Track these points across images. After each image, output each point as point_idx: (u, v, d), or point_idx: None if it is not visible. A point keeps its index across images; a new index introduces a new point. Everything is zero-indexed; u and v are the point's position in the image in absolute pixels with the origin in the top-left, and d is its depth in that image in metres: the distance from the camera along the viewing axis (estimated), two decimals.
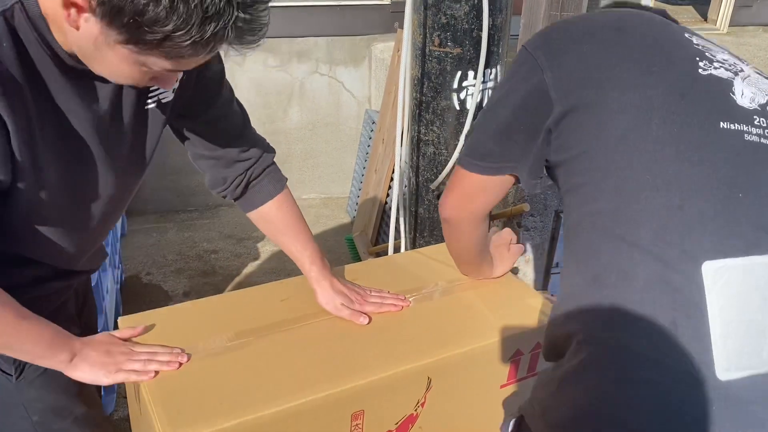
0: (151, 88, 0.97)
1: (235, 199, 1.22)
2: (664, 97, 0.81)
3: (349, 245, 2.92)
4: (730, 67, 0.85)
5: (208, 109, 1.10)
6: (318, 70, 3.23)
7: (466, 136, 1.00)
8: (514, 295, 1.25)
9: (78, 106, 0.88)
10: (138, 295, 2.57)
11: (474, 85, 1.52)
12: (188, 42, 0.73)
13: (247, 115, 1.20)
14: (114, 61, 0.78)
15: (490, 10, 1.41)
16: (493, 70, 1.52)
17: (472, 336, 1.14)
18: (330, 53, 3.21)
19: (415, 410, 1.13)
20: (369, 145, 3.13)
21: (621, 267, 0.80)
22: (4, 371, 1.01)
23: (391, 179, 2.73)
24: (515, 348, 1.17)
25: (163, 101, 1.01)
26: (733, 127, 0.81)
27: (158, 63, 0.78)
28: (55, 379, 1.04)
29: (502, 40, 1.52)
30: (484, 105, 1.54)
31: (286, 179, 1.25)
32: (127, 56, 0.77)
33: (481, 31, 1.46)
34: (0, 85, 0.76)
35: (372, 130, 3.11)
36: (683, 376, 0.75)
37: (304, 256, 1.22)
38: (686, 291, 0.76)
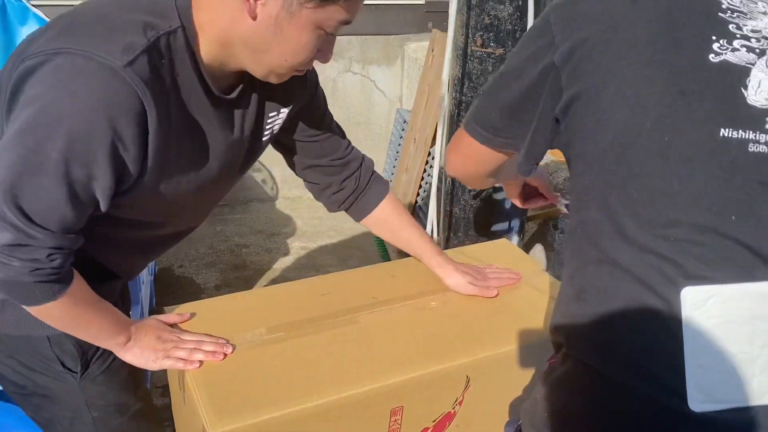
0: (267, 120, 1.02)
1: (348, 208, 1.26)
2: (660, 96, 0.73)
3: (378, 244, 2.93)
4: (757, 44, 0.73)
5: (322, 119, 1.16)
6: (351, 69, 3.25)
7: (476, 96, 0.94)
8: (555, 296, 1.24)
9: (216, 129, 0.93)
10: (170, 287, 2.62)
11: None
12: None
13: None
14: (294, 34, 0.83)
15: (534, 11, 1.41)
16: None
17: (512, 336, 1.14)
18: (363, 52, 3.22)
19: (453, 408, 1.13)
20: (400, 145, 3.14)
21: (602, 285, 0.77)
22: (69, 369, 1.03)
23: (422, 179, 2.74)
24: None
25: (275, 131, 1.07)
26: (735, 135, 0.71)
27: (335, 16, 0.84)
28: (115, 375, 1.07)
29: None
30: None
31: (388, 182, 1.29)
32: (307, 21, 0.82)
33: (525, 32, 1.46)
34: (151, 90, 0.80)
35: (403, 130, 3.12)
36: (653, 406, 0.71)
37: (426, 247, 1.27)
38: (664, 316, 0.71)
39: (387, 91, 3.34)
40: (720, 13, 0.74)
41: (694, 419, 0.69)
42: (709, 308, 0.70)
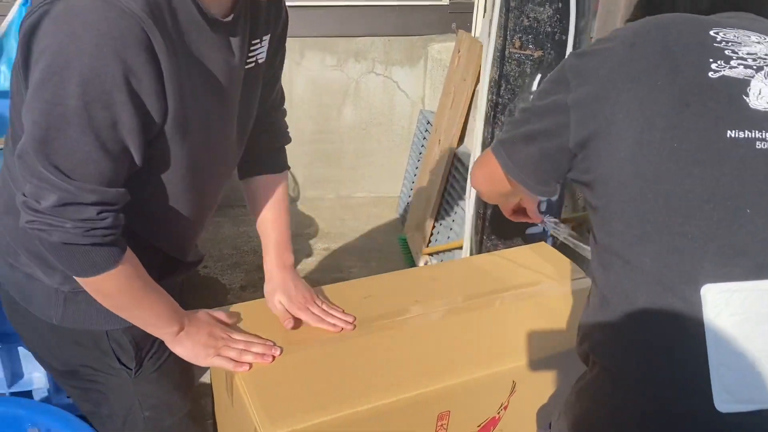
0: (251, 47, 0.99)
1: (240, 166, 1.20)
2: (666, 111, 0.77)
3: (402, 245, 2.93)
4: (753, 62, 0.79)
5: (276, 71, 1.13)
6: (374, 70, 3.25)
7: (505, 124, 1.00)
8: None
9: (218, 54, 0.91)
10: (196, 288, 2.62)
11: None
12: None
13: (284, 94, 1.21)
14: None
15: (576, 13, 1.40)
16: None
17: (557, 340, 1.14)
18: (387, 53, 3.22)
19: (498, 413, 1.13)
20: (423, 146, 3.13)
21: (624, 289, 0.79)
22: (124, 364, 1.03)
23: (447, 181, 2.73)
24: None
25: (259, 61, 1.03)
26: (741, 135, 0.75)
27: None
28: (168, 374, 1.07)
29: (584, 44, 1.51)
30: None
31: (289, 168, 1.27)
32: None
33: (564, 34, 1.45)
34: (152, 18, 0.78)
35: (426, 131, 3.11)
36: (678, 407, 0.72)
37: (271, 239, 1.21)
38: (685, 316, 0.73)
39: (410, 92, 3.34)
40: (714, 44, 0.81)
41: (720, 420, 0.70)
42: (729, 305, 0.71)
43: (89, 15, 0.74)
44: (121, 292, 0.91)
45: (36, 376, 1.71)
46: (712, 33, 0.82)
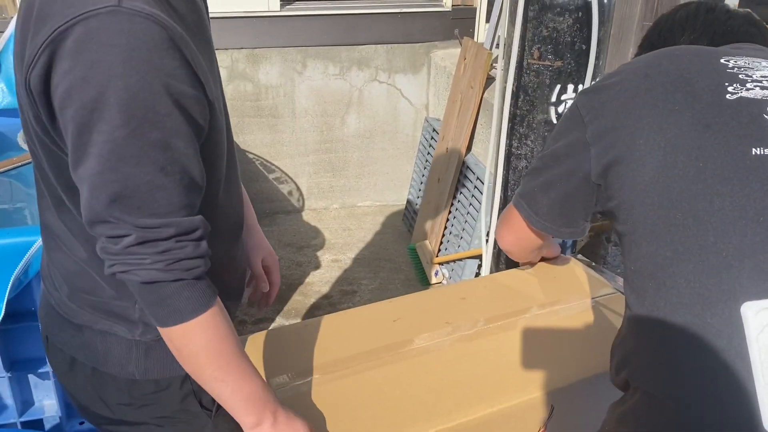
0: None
1: None
2: (688, 134, 0.79)
3: (411, 255, 2.90)
4: None
5: None
6: (377, 78, 3.22)
7: (523, 177, 1.07)
8: None
9: (198, 26, 0.84)
10: None
11: (573, 99, 1.49)
12: None
13: None
14: None
15: (599, 21, 1.37)
16: (593, 83, 1.48)
17: (594, 362, 1.11)
18: (389, 61, 3.19)
19: None
20: (429, 153, 3.11)
21: (660, 313, 0.78)
22: (204, 407, 0.99)
23: (456, 189, 2.70)
24: None
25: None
26: (767, 152, 0.76)
27: None
28: None
29: (603, 53, 1.48)
30: None
31: None
32: None
33: (584, 44, 1.43)
34: (172, 20, 0.72)
35: (432, 138, 3.08)
36: (725, 429, 0.71)
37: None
38: (725, 336, 0.72)
39: (413, 100, 3.31)
40: (728, 70, 0.83)
41: None
42: None
43: (103, 35, 0.68)
44: (207, 350, 0.81)
45: (47, 404, 1.67)
46: (722, 61, 0.84)
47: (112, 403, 0.97)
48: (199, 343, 0.81)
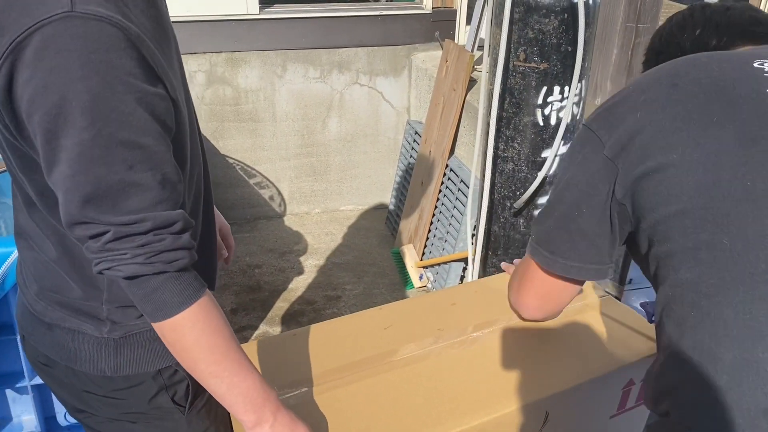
0: None
1: None
2: (731, 149, 0.72)
3: (395, 258, 2.88)
4: None
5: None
6: (358, 81, 3.20)
7: (533, 224, 0.98)
8: (622, 322, 1.20)
9: (158, 22, 0.83)
10: None
11: (560, 100, 1.48)
12: None
13: None
14: None
15: (585, 21, 1.37)
16: (580, 85, 1.48)
17: (588, 367, 1.10)
18: (370, 63, 3.17)
19: None
20: (411, 156, 3.09)
21: (705, 345, 0.73)
22: (177, 403, 0.97)
23: (440, 191, 2.69)
24: (628, 377, 1.13)
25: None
26: None
27: None
28: (218, 406, 1.00)
29: (589, 54, 1.48)
30: (572, 121, 1.50)
31: None
32: None
33: (570, 45, 1.42)
34: (126, 19, 0.72)
35: (415, 141, 3.07)
36: None
37: None
38: None
39: (395, 103, 3.30)
40: (765, 74, 0.77)
41: None
42: None
43: (59, 41, 0.68)
44: (199, 345, 0.80)
45: (26, 419, 1.61)
46: (756, 65, 0.78)
47: (90, 398, 0.97)
48: (190, 338, 0.80)
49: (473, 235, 1.71)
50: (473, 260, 1.75)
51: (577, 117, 1.54)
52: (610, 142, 0.80)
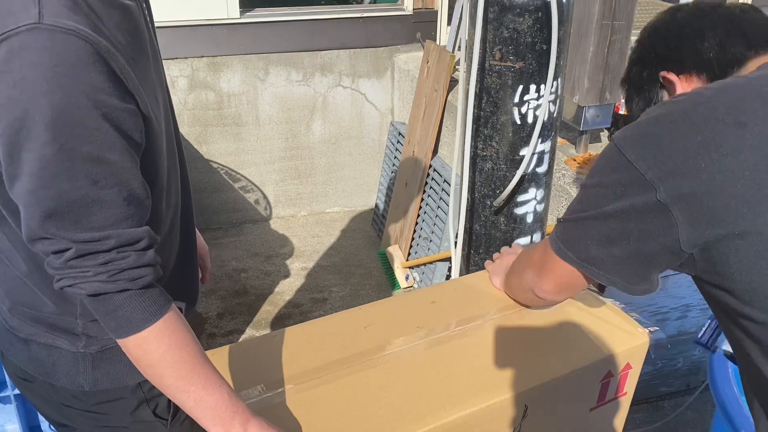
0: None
1: None
2: None
3: (382, 259, 2.89)
4: None
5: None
6: (341, 83, 3.21)
7: (559, 220, 0.91)
8: (600, 315, 1.21)
9: (133, 35, 0.81)
10: None
11: (536, 99, 1.50)
12: None
13: None
14: None
15: (558, 20, 1.38)
16: (555, 83, 1.50)
17: (567, 360, 1.11)
18: (353, 65, 3.18)
19: None
20: (396, 157, 3.10)
21: None
22: (159, 416, 0.97)
23: (424, 191, 2.70)
24: (606, 370, 1.14)
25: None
26: None
27: None
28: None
29: (564, 53, 1.50)
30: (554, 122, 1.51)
31: None
32: None
33: (545, 44, 1.44)
34: (98, 33, 0.71)
35: (399, 142, 3.08)
36: None
37: None
38: None
39: (378, 104, 3.31)
40: None
41: None
42: None
43: (25, 54, 0.67)
44: (165, 360, 0.79)
45: (9, 429, 1.60)
46: None
47: (71, 412, 0.96)
48: (155, 354, 0.79)
49: (456, 234, 1.72)
50: (456, 260, 1.76)
51: (554, 114, 1.56)
52: (666, 189, 0.72)
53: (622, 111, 2.11)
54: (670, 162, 0.72)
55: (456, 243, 1.65)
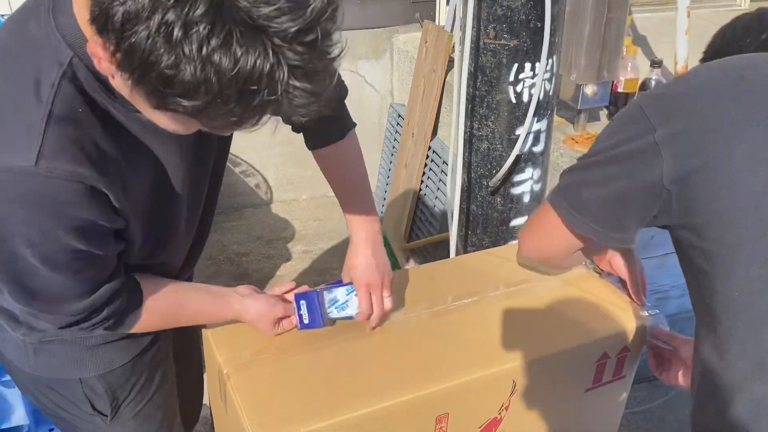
0: None
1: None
2: None
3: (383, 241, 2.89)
4: None
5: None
6: (340, 65, 3.18)
7: (562, 174, 0.94)
8: (599, 296, 1.21)
9: (161, 146, 0.82)
10: None
11: (531, 77, 1.49)
12: (227, 117, 0.59)
13: None
14: (155, 116, 0.67)
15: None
16: (550, 61, 1.48)
17: (558, 339, 1.11)
18: (351, 47, 3.14)
19: (499, 413, 1.10)
20: (396, 140, 3.09)
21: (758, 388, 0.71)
22: (99, 411, 1.00)
23: (423, 173, 2.70)
24: (602, 351, 1.14)
25: None
26: None
27: (204, 125, 0.65)
28: (149, 419, 1.04)
29: (559, 30, 1.48)
30: (548, 97, 1.50)
31: (354, 124, 1.17)
32: (166, 116, 0.64)
33: (539, 21, 1.42)
34: (94, 166, 0.70)
35: (399, 124, 3.07)
36: None
37: (352, 207, 1.12)
38: None
39: (377, 86, 3.29)
40: None
41: None
42: None
43: (10, 192, 0.68)
44: (167, 323, 0.95)
45: (16, 414, 1.63)
46: None
47: (28, 389, 1.03)
48: (151, 326, 0.93)
49: (452, 213, 1.73)
50: (453, 240, 1.77)
51: (550, 93, 1.55)
52: (664, 129, 0.76)
53: (621, 89, 2.09)
54: (674, 107, 0.77)
55: (452, 224, 1.66)
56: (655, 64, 2.06)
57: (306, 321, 1.04)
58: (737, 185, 0.72)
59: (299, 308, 1.03)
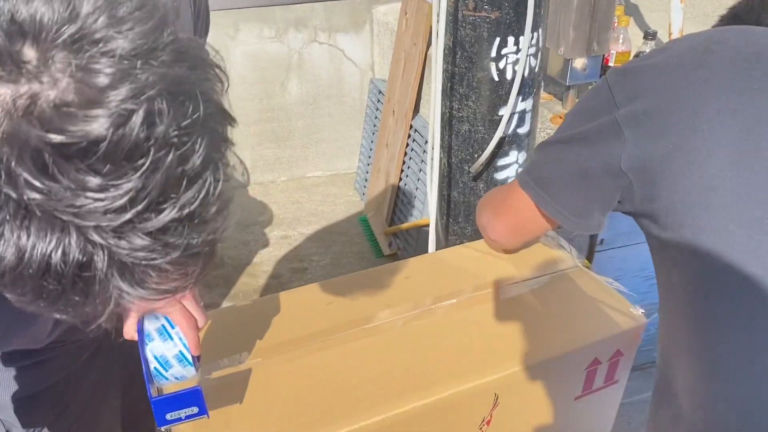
0: None
1: None
2: None
3: (364, 226, 2.77)
4: None
5: None
6: (317, 39, 3.03)
7: (535, 150, 0.91)
8: (589, 295, 1.11)
9: None
10: None
11: (514, 52, 1.35)
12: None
13: None
14: None
15: None
16: (535, 34, 1.35)
17: (545, 345, 1.01)
18: (329, 19, 3.00)
19: (480, 429, 1.01)
20: (377, 117, 2.95)
21: (729, 386, 0.67)
22: None
23: (405, 154, 2.57)
24: (593, 356, 1.04)
25: None
26: None
27: None
28: None
29: (544, 1, 1.35)
30: (531, 74, 1.37)
31: None
32: None
33: None
34: None
35: (379, 101, 2.93)
36: None
37: None
38: None
39: (357, 60, 3.13)
40: None
41: None
42: None
43: None
44: None
45: None
46: None
47: None
48: None
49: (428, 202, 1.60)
50: (435, 231, 1.65)
51: (535, 70, 1.42)
52: (625, 109, 0.72)
53: (612, 63, 1.96)
54: (638, 85, 0.73)
55: (432, 214, 1.54)
56: (649, 35, 1.93)
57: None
58: (696, 171, 0.67)
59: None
